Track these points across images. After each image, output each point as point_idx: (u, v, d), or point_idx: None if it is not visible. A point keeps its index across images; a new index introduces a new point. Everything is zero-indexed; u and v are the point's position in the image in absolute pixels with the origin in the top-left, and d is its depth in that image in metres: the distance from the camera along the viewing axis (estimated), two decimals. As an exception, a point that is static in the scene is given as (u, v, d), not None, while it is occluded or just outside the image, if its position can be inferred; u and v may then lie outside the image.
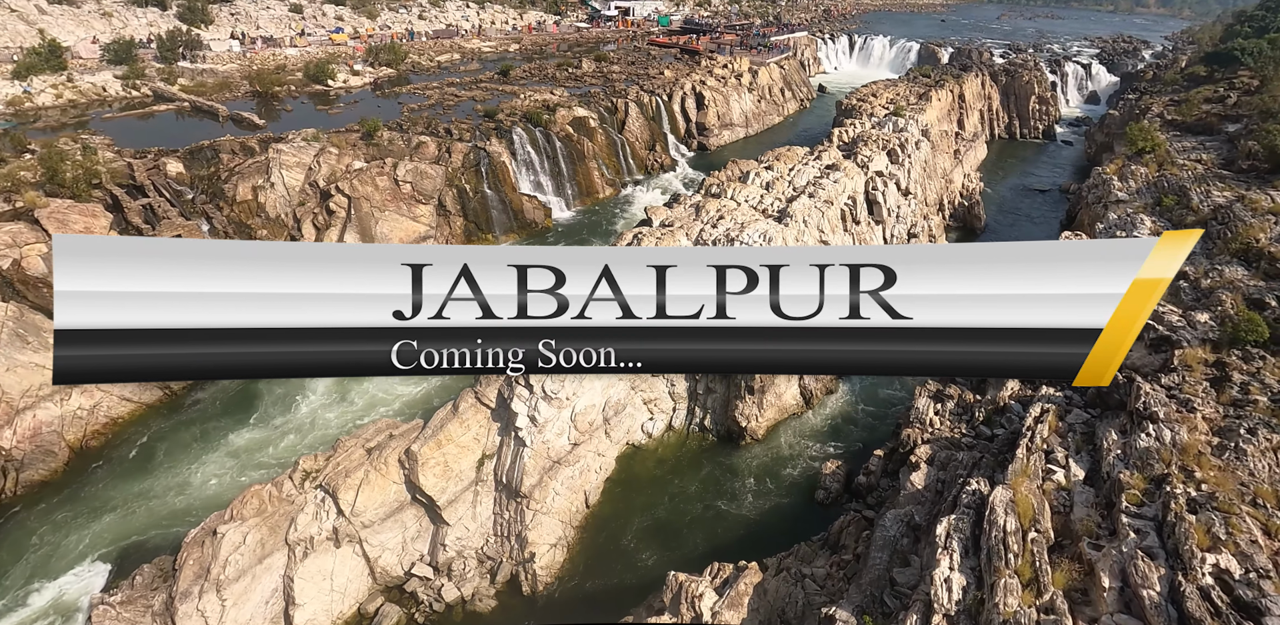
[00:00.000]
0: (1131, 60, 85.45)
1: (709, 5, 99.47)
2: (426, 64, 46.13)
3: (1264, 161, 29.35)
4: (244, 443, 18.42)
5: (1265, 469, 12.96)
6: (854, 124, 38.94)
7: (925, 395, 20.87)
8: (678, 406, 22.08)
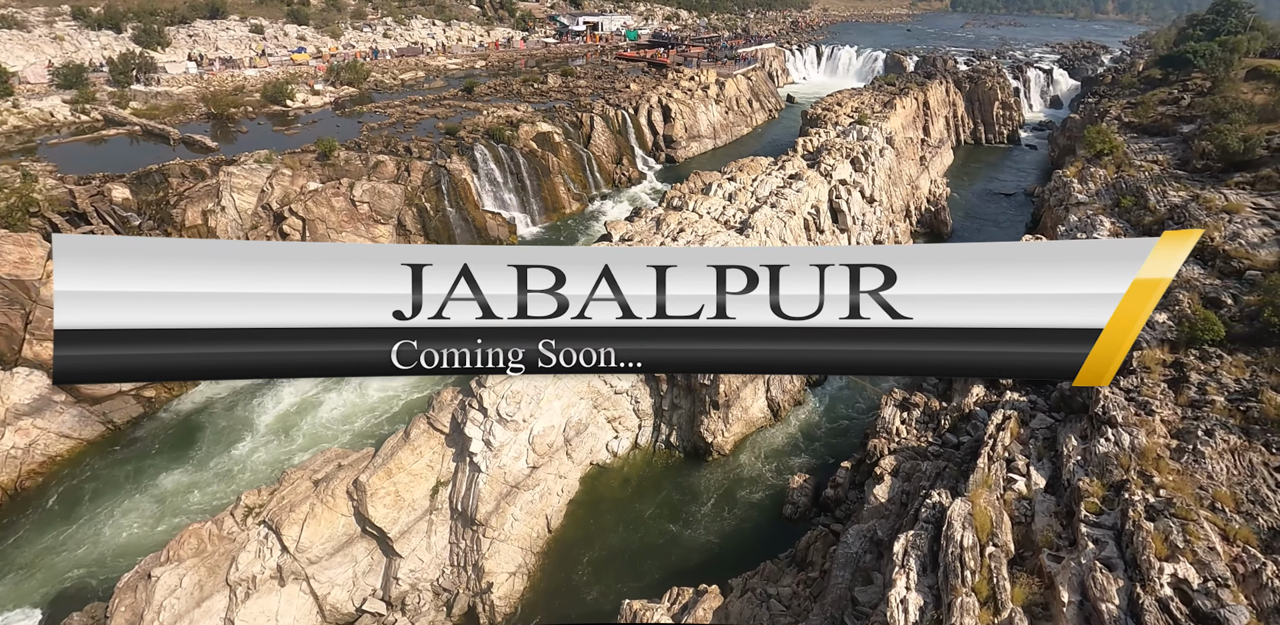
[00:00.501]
0: (1091, 65, 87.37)
1: (678, 19, 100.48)
2: (390, 82, 45.85)
3: (1217, 161, 29.79)
4: (183, 481, 17.68)
5: (1223, 471, 12.82)
6: (819, 133, 39.14)
7: (891, 404, 20.67)
8: (643, 424, 21.67)
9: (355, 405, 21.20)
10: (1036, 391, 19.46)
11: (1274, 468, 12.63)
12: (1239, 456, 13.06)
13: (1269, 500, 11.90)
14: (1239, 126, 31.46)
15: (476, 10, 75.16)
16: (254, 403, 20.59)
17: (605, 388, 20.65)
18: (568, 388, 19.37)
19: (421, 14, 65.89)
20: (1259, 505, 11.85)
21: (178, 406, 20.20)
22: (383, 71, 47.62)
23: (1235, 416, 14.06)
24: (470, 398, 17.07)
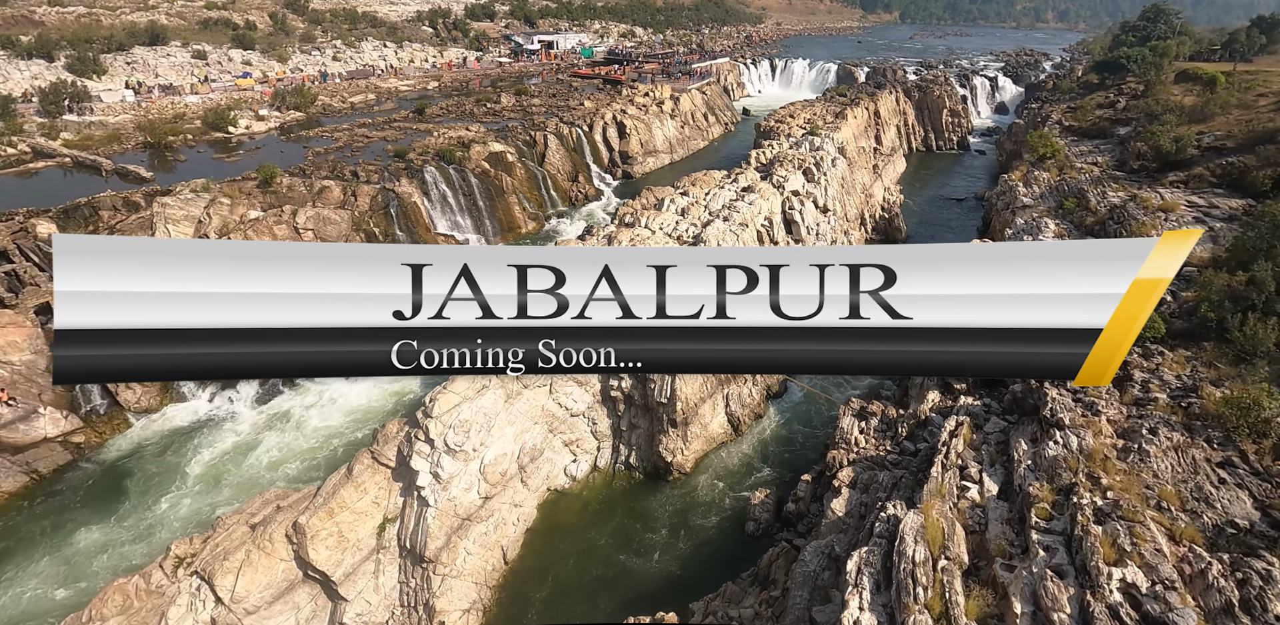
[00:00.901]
0: (1034, 72, 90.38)
1: (633, 36, 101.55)
2: (339, 106, 45.21)
3: (1152, 161, 30.75)
4: (101, 539, 16.47)
5: (1168, 469, 12.88)
6: (771, 145, 39.52)
7: (849, 414, 20.58)
8: (602, 445, 21.25)
9: (292, 448, 20.22)
10: (990, 394, 19.56)
11: (1215, 463, 12.73)
12: (1182, 454, 13.14)
13: (1212, 497, 11.96)
14: (1170, 128, 32.58)
15: (430, 31, 74.99)
16: (186, 448, 19.57)
17: (560, 411, 20.22)
18: (521, 413, 18.90)
19: (373, 36, 65.44)
20: (1203, 502, 11.90)
21: (105, 453, 19.08)
22: (331, 95, 46.97)
23: (1177, 413, 14.22)
24: (416, 429, 16.51)
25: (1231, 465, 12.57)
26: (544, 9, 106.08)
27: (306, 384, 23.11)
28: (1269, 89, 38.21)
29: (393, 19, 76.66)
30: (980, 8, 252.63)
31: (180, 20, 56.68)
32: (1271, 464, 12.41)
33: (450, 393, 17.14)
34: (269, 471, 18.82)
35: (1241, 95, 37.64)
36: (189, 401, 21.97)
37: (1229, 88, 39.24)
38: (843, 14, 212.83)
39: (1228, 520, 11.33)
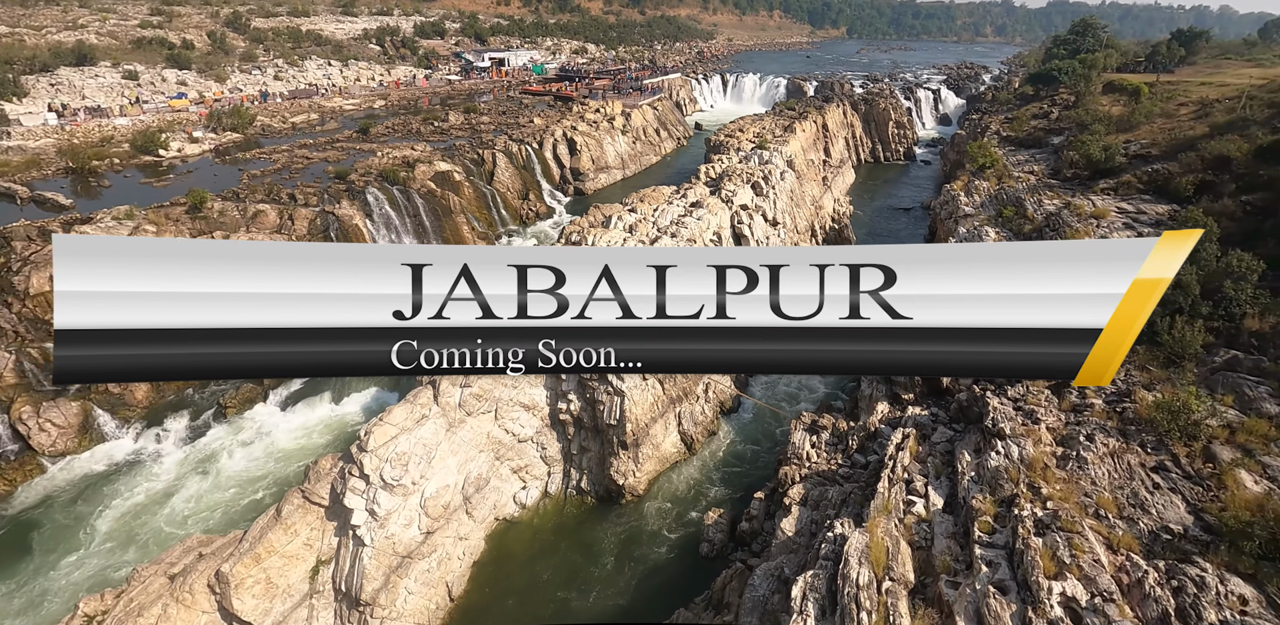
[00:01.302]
0: (974, 84, 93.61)
1: (586, 52, 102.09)
2: (279, 126, 43.99)
3: (1084, 169, 31.79)
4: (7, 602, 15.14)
5: (1105, 476, 12.98)
6: (721, 159, 39.77)
7: (801, 429, 20.49)
8: (552, 470, 20.70)
9: (220, 488, 18.91)
10: (937, 403, 19.69)
11: (1150, 468, 12.88)
12: (1118, 459, 13.29)
13: (1147, 502, 12.07)
14: (1099, 137, 33.81)
15: (377, 49, 74.08)
16: (99, 495, 18.19)
17: (507, 437, 19.63)
18: (465, 441, 18.27)
19: (317, 55, 64.23)
20: (1139, 508, 11.99)
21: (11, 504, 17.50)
22: (271, 115, 45.71)
23: (1113, 419, 14.42)
24: (350, 464, 15.76)
25: (1165, 469, 12.74)
26: (495, 26, 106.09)
27: (239, 419, 22.05)
28: (1189, 99, 40.08)
29: (339, 37, 75.56)
30: (923, 23, 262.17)
31: (111, 39, 54.72)
32: (1202, 466, 12.60)
33: (387, 424, 16.46)
34: (193, 516, 17.68)
35: (1164, 105, 39.38)
36: (111, 442, 20.71)
37: (1152, 98, 41.05)
38: (792, 30, 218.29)
39: (1163, 525, 11.42)
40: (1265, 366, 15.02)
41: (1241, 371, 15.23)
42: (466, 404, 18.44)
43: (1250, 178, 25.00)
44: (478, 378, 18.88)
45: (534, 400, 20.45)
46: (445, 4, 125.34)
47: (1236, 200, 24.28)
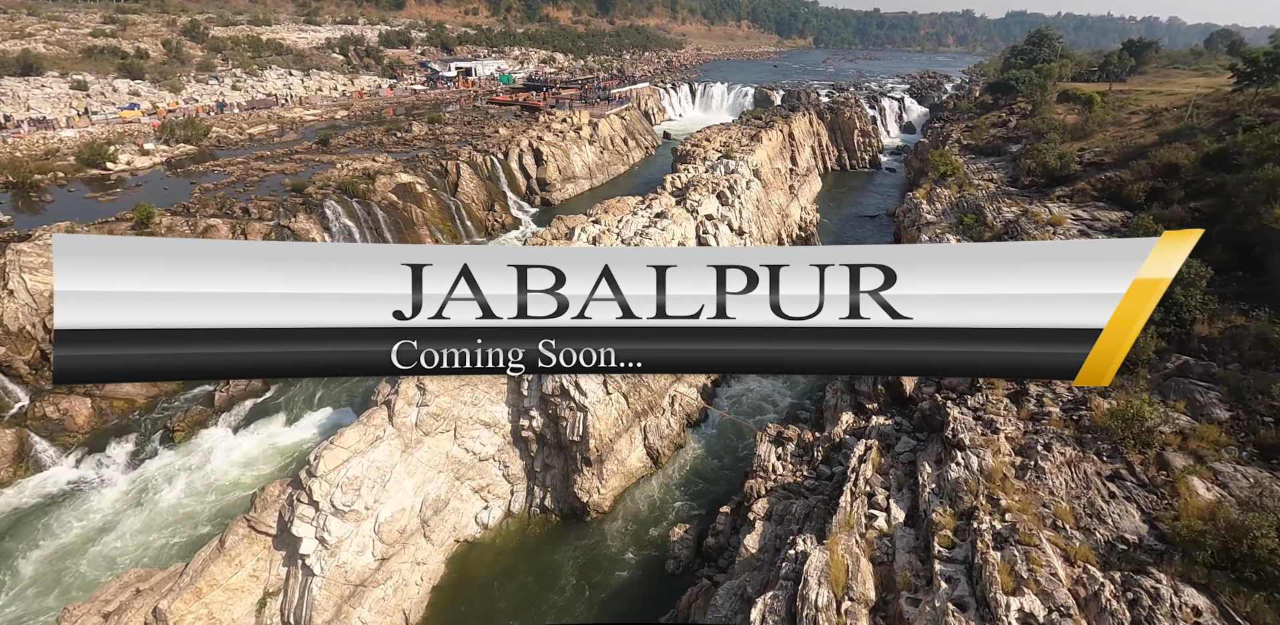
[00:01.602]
0: (937, 93, 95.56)
1: (554, 62, 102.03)
2: (235, 137, 42.89)
3: (1041, 177, 32.41)
4: None
5: (1062, 486, 12.99)
6: (687, 169, 39.80)
7: (766, 441, 20.32)
8: (515, 489, 20.23)
9: (164, 518, 18.03)
10: (901, 412, 19.71)
11: (1105, 477, 12.93)
12: (1075, 468, 13.31)
13: (1103, 512, 12.08)
14: (1054, 145, 34.53)
15: (340, 59, 73.07)
16: (29, 531, 17.12)
17: (468, 456, 19.14)
18: (422, 462, 17.75)
19: (278, 64, 63.09)
20: (1095, 518, 11.99)
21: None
22: (228, 126, 44.59)
23: (1069, 427, 14.48)
24: (299, 490, 15.15)
25: (1120, 478, 12.79)
26: (463, 35, 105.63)
27: (188, 443, 21.20)
28: (1139, 107, 41.24)
29: (301, 46, 74.41)
30: (887, 33, 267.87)
31: (61, 48, 53.08)
32: (1156, 474, 12.68)
33: (337, 448, 15.90)
34: (133, 551, 16.77)
35: (1116, 113, 40.46)
36: (50, 470, 19.73)
37: (1105, 107, 42.17)
38: (760, 40, 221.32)
39: (1119, 535, 11.42)
40: (1215, 372, 15.24)
41: (1192, 377, 15.44)
42: (424, 424, 17.94)
43: (1198, 185, 25.66)
44: (435, 397, 18.39)
45: (495, 418, 20.00)
46: (411, 13, 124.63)
47: (1185, 207, 24.88)
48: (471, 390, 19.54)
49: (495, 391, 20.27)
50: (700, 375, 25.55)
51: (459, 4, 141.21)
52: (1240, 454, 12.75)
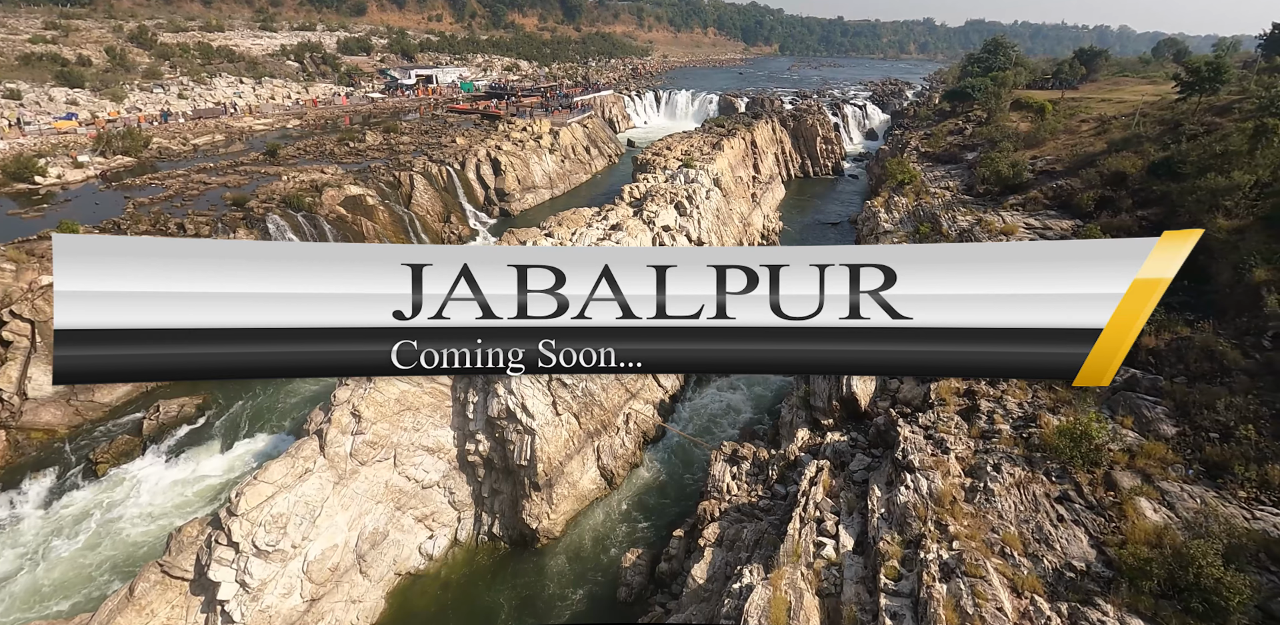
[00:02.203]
0: (898, 100, 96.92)
1: (518, 69, 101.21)
2: (178, 148, 41.26)
3: (994, 185, 32.64)
4: None
5: (1011, 508, 12.70)
6: (647, 178, 39.37)
7: (721, 460, 19.83)
8: (462, 516, 19.39)
9: (61, 572, 16.56)
10: (857, 428, 19.38)
11: (1054, 498, 12.67)
12: (1024, 490, 13.04)
13: (1052, 537, 11.79)
14: (1007, 154, 34.84)
15: (295, 66, 71.34)
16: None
17: (409, 484, 18.28)
18: (358, 493, 16.86)
19: (228, 72, 61.26)
20: (1043, 544, 11.70)
21: None
22: (171, 136, 42.90)
23: (1019, 446, 14.23)
24: (218, 531, 14.19)
25: (1068, 499, 12.54)
26: (425, 43, 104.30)
27: (112, 476, 19.97)
28: (1090, 115, 41.99)
29: (255, 53, 72.53)
30: (851, 40, 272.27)
31: (-6, 56, 50.84)
32: (1104, 495, 12.45)
33: (261, 483, 14.96)
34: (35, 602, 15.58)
35: (1067, 121, 41.11)
36: (-44, 508, 18.35)
37: (1056, 114, 42.84)
38: (726, 47, 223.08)
39: (1066, 563, 11.12)
40: (1162, 385, 15.15)
41: (1140, 391, 15.34)
42: (360, 453, 17.06)
43: (1145, 193, 25.98)
44: (371, 424, 17.53)
45: (439, 442, 19.19)
46: (373, 19, 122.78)
47: (1133, 215, 25.15)
48: (413, 415, 18.71)
49: (439, 415, 19.47)
50: (658, 391, 25.01)
51: (422, 10, 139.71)
52: (1187, 472, 12.59)
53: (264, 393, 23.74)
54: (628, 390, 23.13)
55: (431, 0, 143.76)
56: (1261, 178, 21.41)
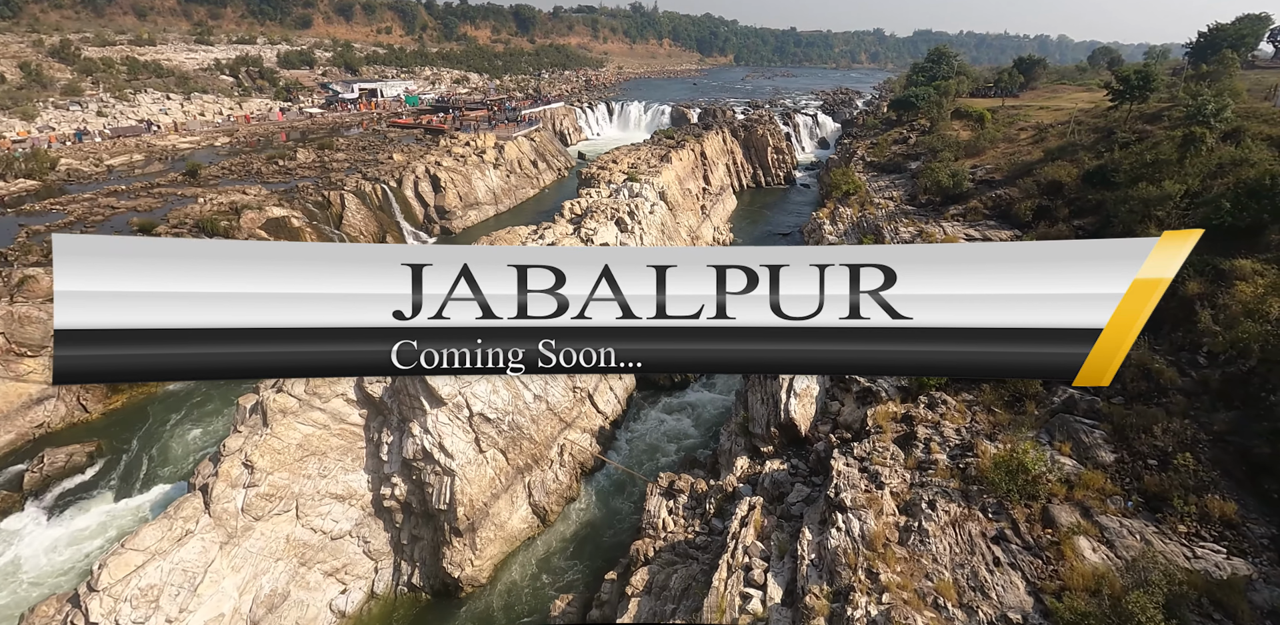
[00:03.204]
0: (849, 109, 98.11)
1: (468, 82, 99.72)
2: (90, 170, 38.74)
3: (936, 195, 32.48)
4: None
5: (946, 551, 11.84)
6: (590, 194, 38.40)
7: (657, 493, 18.75)
8: (380, 566, 17.91)
9: None
10: (798, 454, 18.51)
11: (990, 538, 11.87)
12: (959, 529, 12.23)
13: (987, 584, 10.95)
14: (947, 163, 34.78)
15: (230, 80, 68.70)
16: None
17: (316, 536, 16.75)
18: (253, 552, 15.28)
19: (156, 87, 58.48)
20: (978, 592, 10.85)
21: None
22: (84, 157, 40.35)
23: (955, 477, 13.47)
24: (75, 609, 12.52)
25: (1005, 539, 11.75)
26: (372, 56, 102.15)
27: (-23, 538, 17.94)
28: (1029, 122, 42.47)
29: (188, 67, 69.72)
30: (805, 51, 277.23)
31: (-108, 74, 47.47)
32: (1041, 534, 11.69)
33: (130, 551, 13.34)
34: None
35: (1006, 129, 41.48)
36: None
37: (996, 123, 43.25)
38: (682, 58, 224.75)
39: (1002, 613, 10.28)
40: (1100, 407, 14.57)
41: (1078, 413, 14.75)
42: (253, 507, 15.50)
43: (1080, 202, 25.92)
44: (267, 474, 15.98)
45: (351, 488, 17.71)
46: (319, 32, 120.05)
47: (1069, 225, 25.01)
48: (319, 461, 17.21)
49: (351, 458, 18.01)
50: (596, 418, 23.84)
51: (371, 23, 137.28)
52: (1126, 504, 11.93)
53: (166, 435, 21.87)
54: (562, 420, 21.93)
55: (381, 12, 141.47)
56: (1192, 187, 21.36)
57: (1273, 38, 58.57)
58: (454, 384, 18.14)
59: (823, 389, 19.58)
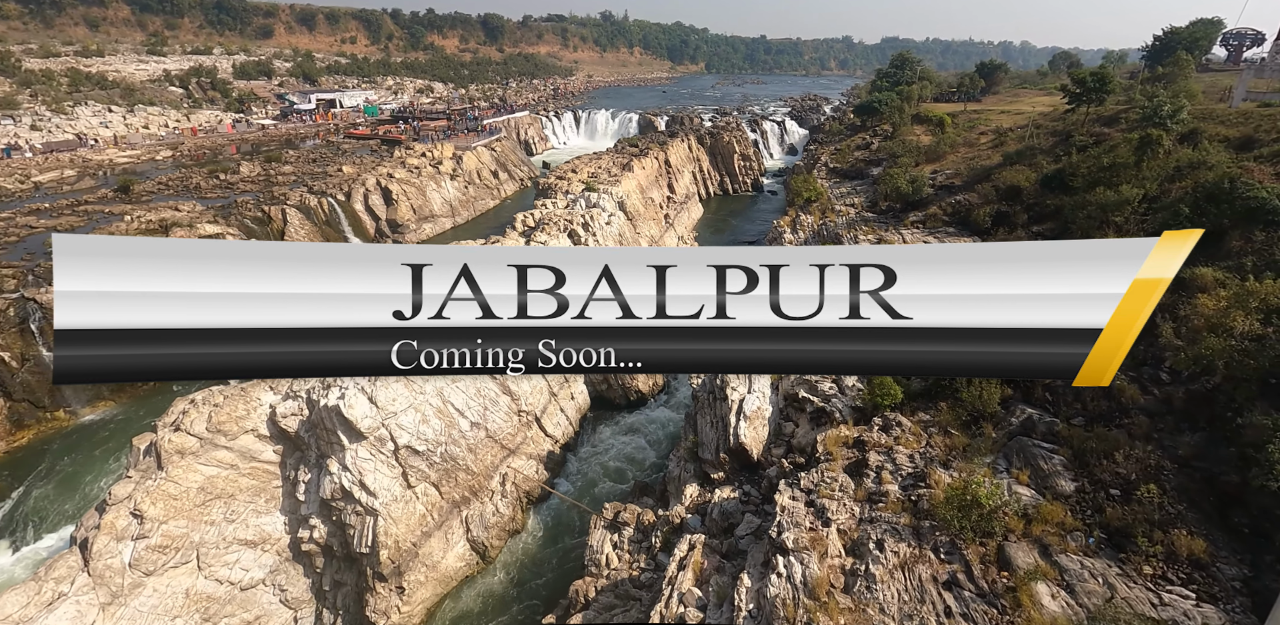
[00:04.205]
0: (816, 115, 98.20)
1: (431, 91, 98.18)
2: (15, 187, 36.58)
3: (896, 201, 31.82)
4: None
5: (894, 598, 10.73)
6: (545, 204, 37.23)
7: (601, 526, 17.50)
8: (300, 615, 16.42)
9: None
10: (750, 480, 17.43)
11: (942, 583, 10.79)
12: (909, 572, 11.13)
13: (939, 636, 9.87)
14: (906, 169, 34.19)
15: (179, 92, 66.47)
16: None
17: (222, 588, 15.22)
18: (143, 611, 13.74)
19: (97, 100, 56.19)
20: (930, 646, 9.77)
21: None
22: (9, 173, 38.23)
23: (906, 512, 12.42)
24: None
25: (957, 585, 10.68)
26: (333, 66, 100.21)
27: None
28: (989, 127, 42.25)
29: (136, 79, 67.39)
30: (775, 58, 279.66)
31: None
32: (996, 577, 10.65)
33: (-17, 622, 11.75)
34: None
35: (966, 134, 41.18)
36: None
37: (956, 127, 42.96)
38: (653, 65, 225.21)
39: (954, 674, 9.20)
40: (1058, 430, 13.65)
41: (1035, 436, 13.83)
42: (142, 562, 13.95)
43: (1039, 208, 25.32)
44: (160, 523, 14.45)
45: (264, 533, 16.21)
46: (280, 42, 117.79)
47: (1028, 231, 24.38)
48: (225, 504, 15.70)
49: (264, 499, 16.51)
50: (545, 443, 22.53)
51: (335, 33, 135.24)
52: (1088, 541, 10.94)
53: (70, 478, 20.13)
54: (504, 447, 20.60)
55: (345, 22, 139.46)
56: (1150, 191, 20.79)
57: (1225, 41, 59.50)
58: (376, 416, 16.77)
59: (776, 409, 18.54)
